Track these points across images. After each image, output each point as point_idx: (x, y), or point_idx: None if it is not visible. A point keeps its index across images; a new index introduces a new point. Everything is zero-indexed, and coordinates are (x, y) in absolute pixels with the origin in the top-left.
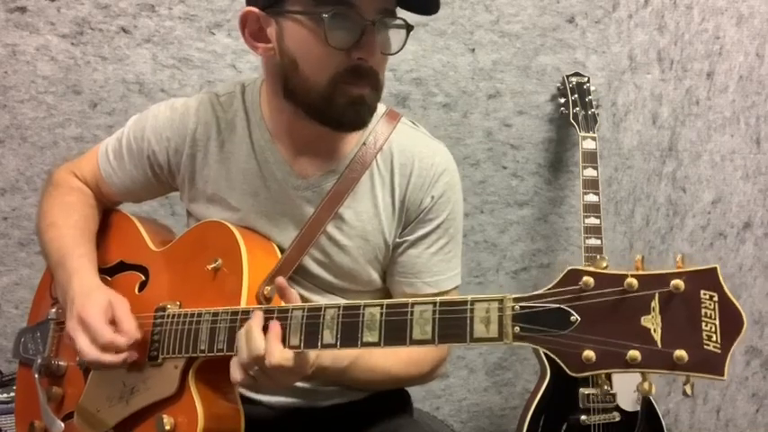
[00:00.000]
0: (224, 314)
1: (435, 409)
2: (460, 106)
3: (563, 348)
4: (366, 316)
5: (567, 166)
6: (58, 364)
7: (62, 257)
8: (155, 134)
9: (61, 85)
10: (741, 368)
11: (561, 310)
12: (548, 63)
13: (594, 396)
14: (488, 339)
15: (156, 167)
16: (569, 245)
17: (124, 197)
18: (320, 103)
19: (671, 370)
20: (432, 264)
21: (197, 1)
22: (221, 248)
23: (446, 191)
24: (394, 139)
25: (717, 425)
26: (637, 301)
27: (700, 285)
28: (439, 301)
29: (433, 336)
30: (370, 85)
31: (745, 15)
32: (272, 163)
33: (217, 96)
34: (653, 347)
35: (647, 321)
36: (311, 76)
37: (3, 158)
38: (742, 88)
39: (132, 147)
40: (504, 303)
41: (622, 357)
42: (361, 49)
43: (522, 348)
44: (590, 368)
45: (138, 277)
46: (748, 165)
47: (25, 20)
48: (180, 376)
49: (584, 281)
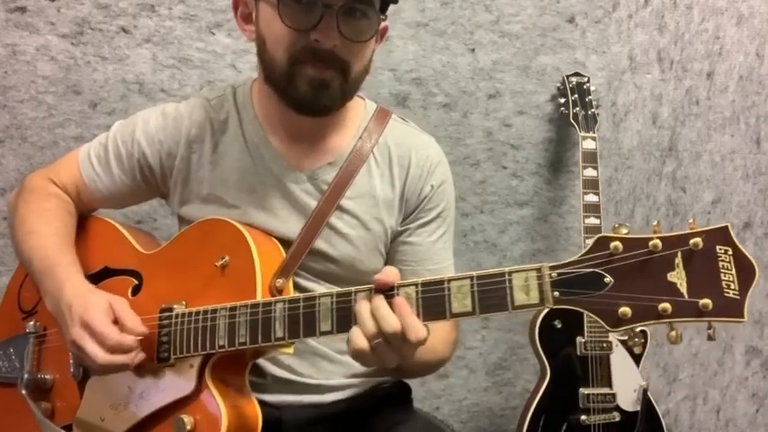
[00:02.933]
0: (242, 308)
1: (435, 409)
2: (460, 106)
3: (601, 307)
4: (401, 295)
5: (567, 166)
6: (45, 378)
7: (49, 266)
8: (146, 137)
9: (61, 85)
10: (741, 368)
11: (595, 274)
12: (548, 63)
13: (594, 396)
14: (530, 306)
15: (146, 170)
16: (569, 245)
17: (107, 203)
18: (283, 82)
19: (698, 317)
20: (433, 252)
21: (197, 1)
22: (227, 245)
23: (444, 181)
24: (388, 134)
25: (717, 425)
26: (662, 260)
27: (715, 242)
28: (475, 275)
29: (474, 307)
30: (333, 68)
31: (745, 15)
32: (267, 158)
33: (207, 100)
34: (681, 299)
35: (672, 277)
36: (274, 55)
37: (3, 158)
38: (742, 88)
39: (120, 151)
40: (542, 272)
41: (655, 310)
42: (319, 31)
43: (522, 348)
44: (626, 323)
45: (129, 282)
46: (748, 165)
47: (25, 20)
48: (197, 375)
49: (613, 245)
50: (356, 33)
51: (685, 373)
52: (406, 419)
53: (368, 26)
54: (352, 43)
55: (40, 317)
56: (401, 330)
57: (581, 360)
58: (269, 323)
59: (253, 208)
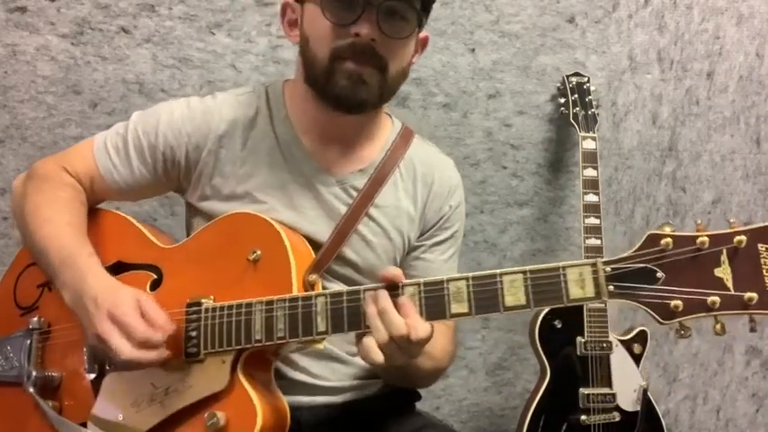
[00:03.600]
0: (279, 302)
1: (435, 409)
2: (460, 106)
3: (654, 301)
4: (452, 289)
5: (567, 166)
6: (52, 375)
7: (68, 257)
8: (172, 130)
9: (61, 85)
10: (741, 368)
11: (647, 269)
12: (548, 63)
13: (594, 396)
14: (586, 299)
15: (169, 164)
16: (569, 245)
17: (121, 195)
18: (322, 78)
19: (744, 310)
20: (443, 270)
21: (197, 1)
22: (260, 239)
23: (460, 203)
24: (413, 152)
25: (717, 425)
26: (709, 256)
27: (758, 240)
28: (528, 269)
29: (528, 301)
30: (371, 64)
31: (745, 15)
32: (298, 158)
33: (236, 96)
34: (728, 293)
35: (719, 272)
36: (316, 51)
37: (3, 158)
38: (742, 88)
39: (141, 143)
40: (597, 266)
41: (705, 303)
42: (358, 24)
43: (522, 348)
44: (678, 315)
45: (148, 276)
46: (748, 165)
47: (25, 20)
48: (230, 370)
49: (664, 242)
50: (395, 30)
51: (685, 373)
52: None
53: (407, 25)
54: (390, 40)
55: (43, 312)
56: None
57: (581, 360)
58: (309, 317)
59: (282, 205)
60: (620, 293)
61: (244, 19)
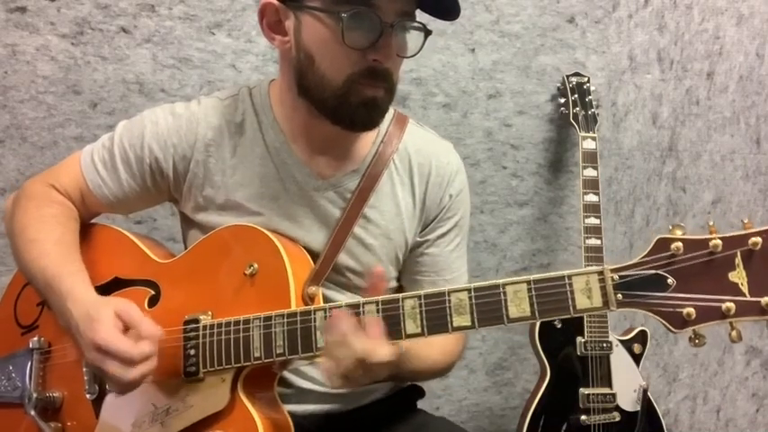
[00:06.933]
0: (278, 318)
1: (435, 409)
2: (460, 106)
3: (665, 309)
4: (453, 301)
5: (567, 166)
6: (53, 396)
7: (51, 279)
8: (157, 141)
9: (61, 85)
10: (741, 368)
11: (658, 275)
12: (548, 63)
13: (594, 396)
14: (593, 309)
15: (157, 176)
16: (569, 245)
17: (113, 209)
18: (334, 101)
19: (760, 315)
20: (451, 261)
21: (197, 1)
22: (256, 252)
23: (462, 189)
24: (407, 140)
25: (717, 425)
26: (723, 260)
27: None
28: (532, 279)
29: (533, 312)
30: (384, 87)
31: (745, 15)
32: (289, 165)
33: (220, 100)
34: (743, 298)
35: (734, 276)
36: (327, 74)
37: (3, 158)
38: (742, 88)
39: (128, 155)
40: (604, 274)
41: (719, 310)
42: (378, 50)
43: (522, 348)
44: (691, 323)
45: (146, 292)
46: (748, 165)
47: (25, 20)
48: (230, 388)
49: (674, 246)
50: (406, 49)
51: (685, 373)
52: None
53: (418, 41)
54: (400, 58)
55: (43, 332)
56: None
57: (581, 360)
58: (309, 332)
59: (277, 216)
60: (630, 302)
61: (244, 19)
